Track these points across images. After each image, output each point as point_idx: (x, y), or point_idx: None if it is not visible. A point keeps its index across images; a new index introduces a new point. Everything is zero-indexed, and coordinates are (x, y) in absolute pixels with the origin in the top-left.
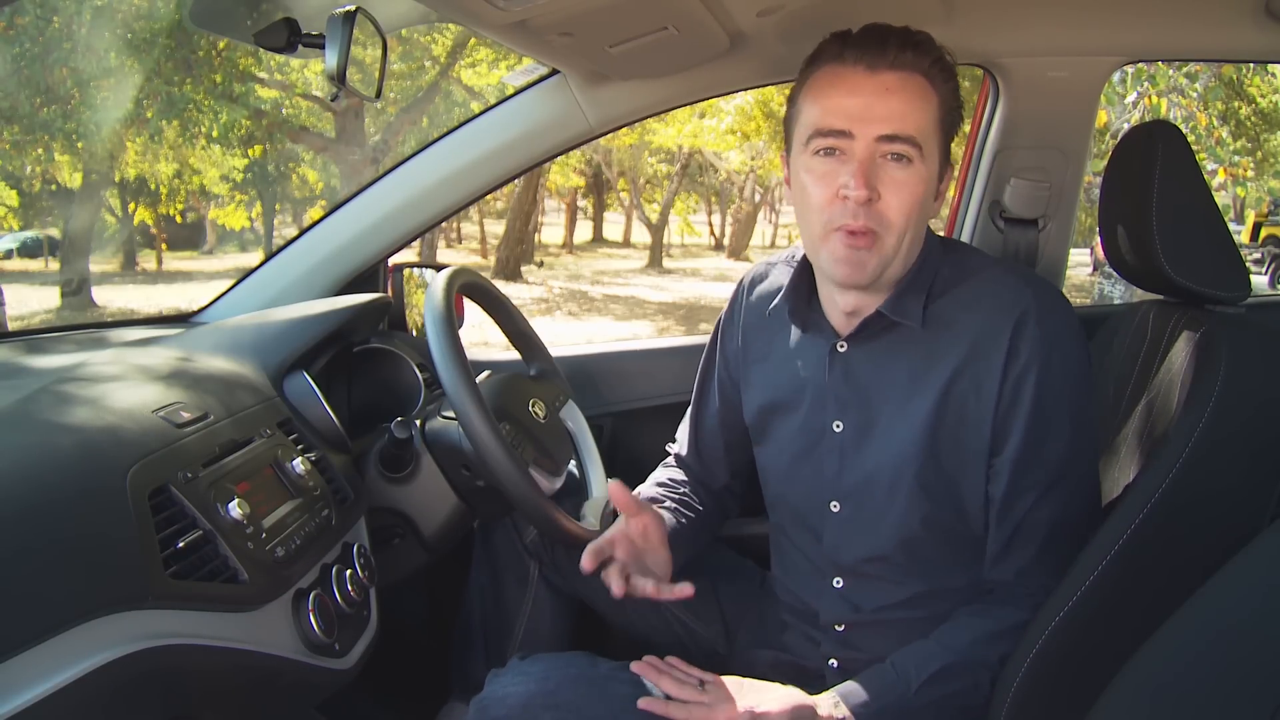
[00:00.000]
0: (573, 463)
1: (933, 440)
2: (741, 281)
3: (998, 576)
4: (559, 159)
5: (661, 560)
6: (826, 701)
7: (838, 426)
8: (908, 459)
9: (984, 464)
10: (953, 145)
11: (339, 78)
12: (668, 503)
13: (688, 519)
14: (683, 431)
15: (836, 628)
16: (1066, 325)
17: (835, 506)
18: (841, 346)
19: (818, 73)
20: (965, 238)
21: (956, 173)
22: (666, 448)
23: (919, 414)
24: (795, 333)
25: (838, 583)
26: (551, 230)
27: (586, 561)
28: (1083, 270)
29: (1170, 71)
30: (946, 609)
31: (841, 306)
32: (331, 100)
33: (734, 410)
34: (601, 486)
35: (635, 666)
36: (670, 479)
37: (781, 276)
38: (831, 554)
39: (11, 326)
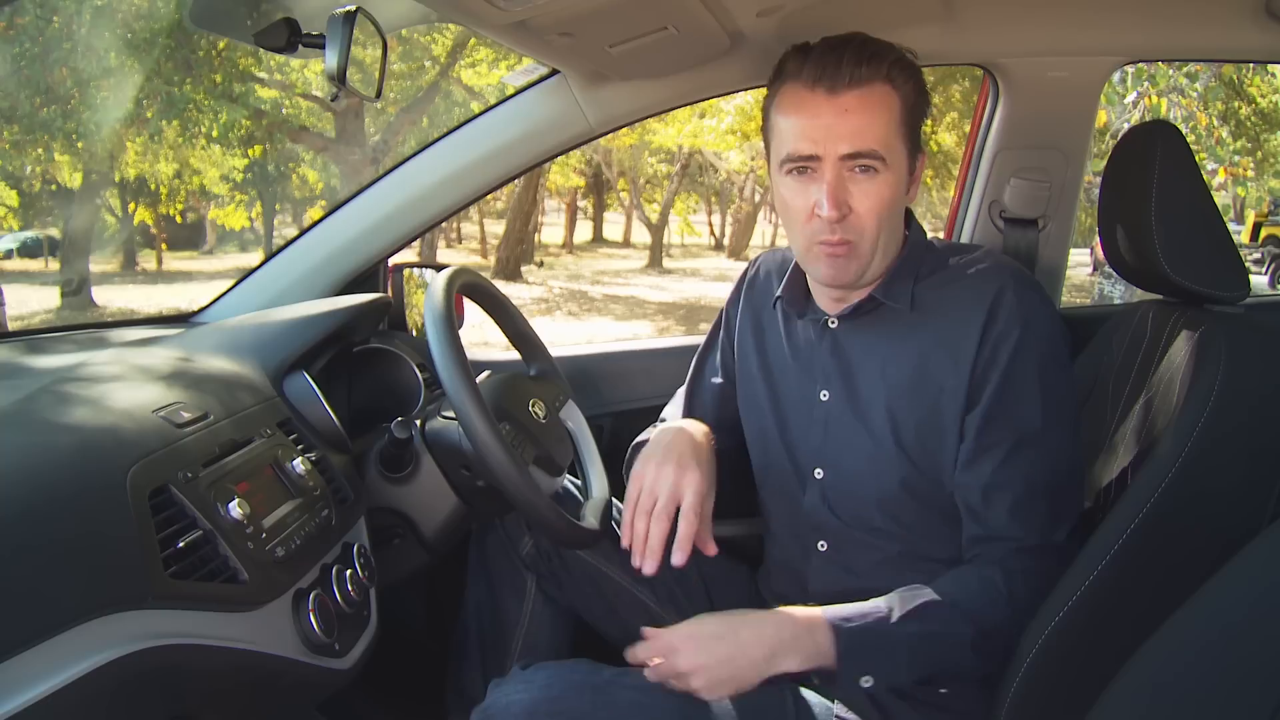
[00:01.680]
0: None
1: (912, 408)
2: (752, 261)
3: (974, 533)
4: (559, 159)
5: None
6: (808, 610)
7: (824, 395)
8: (887, 426)
9: (959, 430)
10: (952, 143)
11: (339, 78)
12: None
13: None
14: (673, 409)
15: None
16: (1042, 303)
17: (819, 473)
18: (833, 323)
19: (783, 89)
20: (965, 238)
21: (956, 171)
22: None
23: (899, 383)
24: (792, 315)
25: (821, 545)
26: (551, 230)
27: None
28: (1083, 270)
29: (1170, 71)
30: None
31: (831, 295)
32: (331, 100)
33: (731, 382)
34: (602, 486)
35: (630, 654)
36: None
37: (790, 260)
38: (813, 516)
39: (11, 326)
